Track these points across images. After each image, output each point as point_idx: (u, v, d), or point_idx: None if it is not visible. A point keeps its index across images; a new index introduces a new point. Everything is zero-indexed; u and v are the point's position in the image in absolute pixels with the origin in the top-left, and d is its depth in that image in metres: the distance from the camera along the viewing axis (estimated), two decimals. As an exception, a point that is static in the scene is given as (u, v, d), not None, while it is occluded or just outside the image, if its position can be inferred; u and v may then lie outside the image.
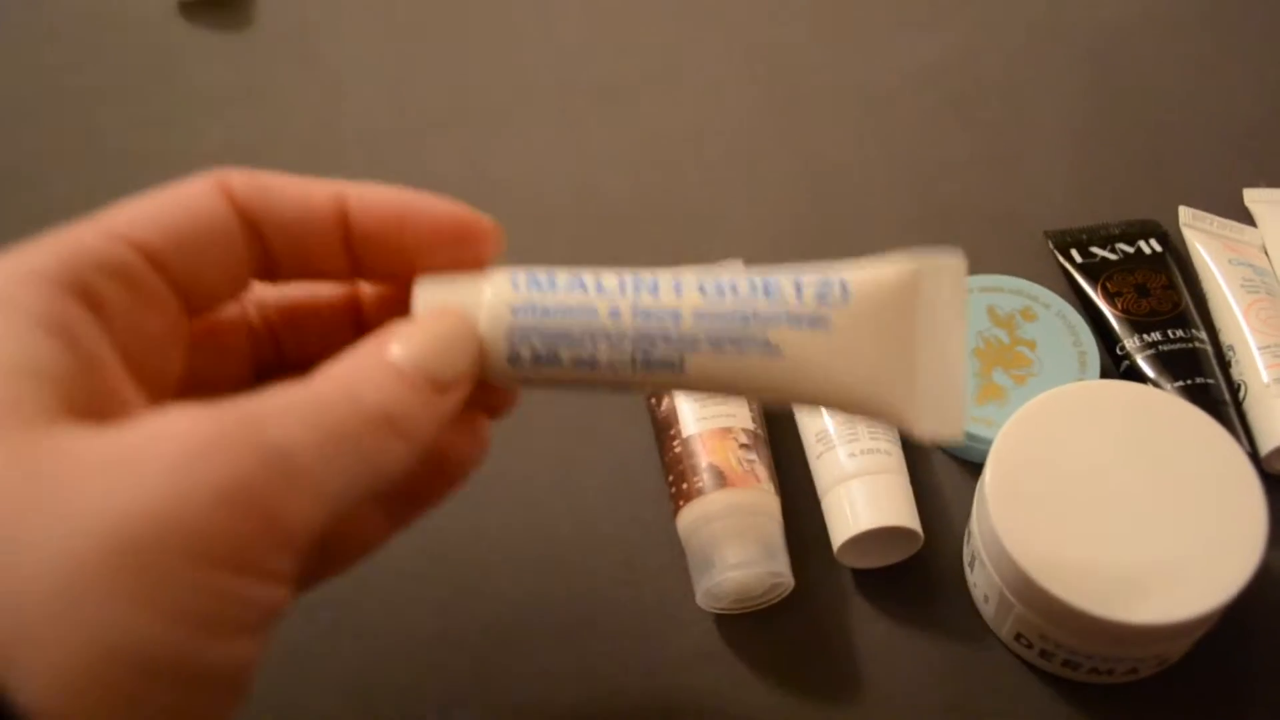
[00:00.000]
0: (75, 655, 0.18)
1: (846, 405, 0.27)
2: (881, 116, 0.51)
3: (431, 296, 0.26)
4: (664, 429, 0.39)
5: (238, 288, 0.26)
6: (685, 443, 0.37)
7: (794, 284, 0.27)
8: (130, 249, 0.23)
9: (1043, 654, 0.35)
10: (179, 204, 0.24)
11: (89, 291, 0.22)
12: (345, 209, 0.26)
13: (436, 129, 0.52)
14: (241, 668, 0.20)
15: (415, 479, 0.27)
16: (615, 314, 0.26)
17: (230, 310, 0.27)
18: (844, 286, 0.27)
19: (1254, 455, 0.39)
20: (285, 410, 0.21)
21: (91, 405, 0.21)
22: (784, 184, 0.49)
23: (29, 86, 0.54)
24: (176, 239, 0.24)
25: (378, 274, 0.27)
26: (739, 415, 0.38)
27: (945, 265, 0.27)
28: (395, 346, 0.24)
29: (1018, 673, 0.36)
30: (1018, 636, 0.35)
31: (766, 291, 0.26)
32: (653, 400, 0.40)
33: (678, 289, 0.27)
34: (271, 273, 0.26)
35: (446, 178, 0.50)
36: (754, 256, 0.45)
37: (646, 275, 0.27)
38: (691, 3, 0.56)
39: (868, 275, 0.27)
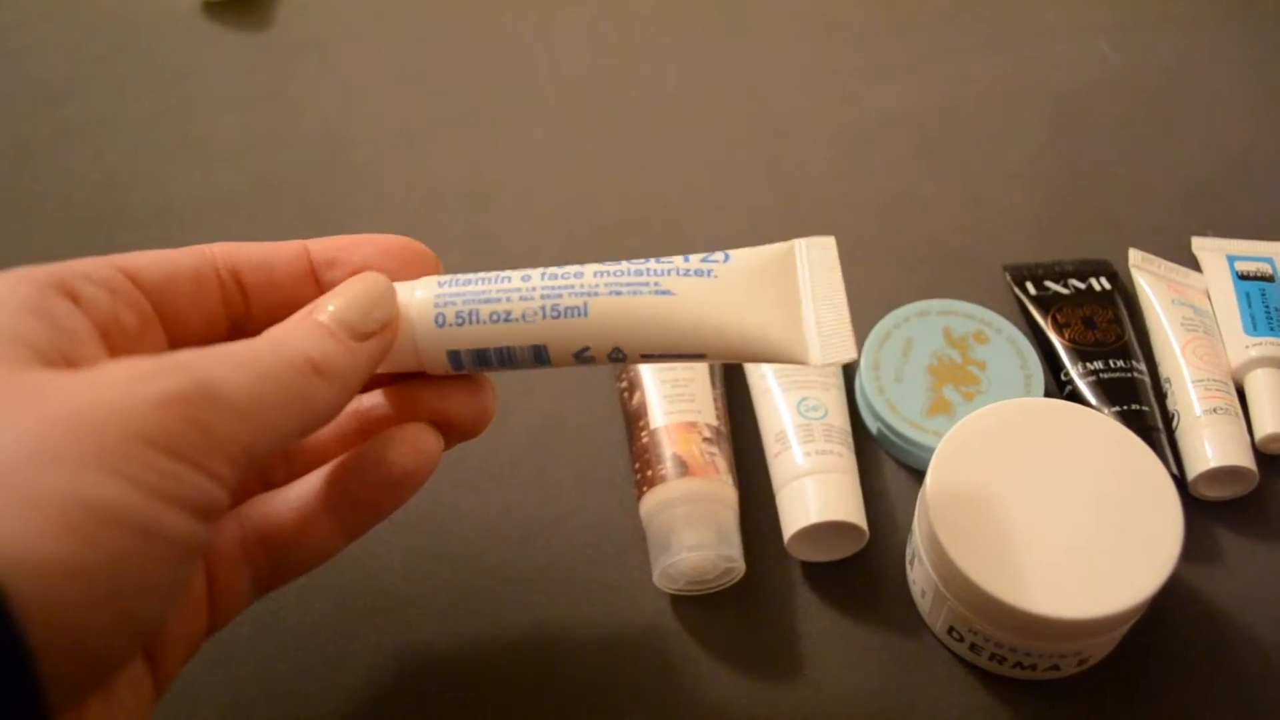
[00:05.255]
0: (48, 503, 0.22)
1: (738, 341, 0.31)
2: (858, 155, 0.54)
3: None
4: (634, 420, 0.41)
5: (213, 320, 0.31)
6: (653, 433, 0.40)
7: (683, 257, 0.32)
8: (112, 267, 0.29)
9: (972, 647, 0.37)
10: (166, 252, 0.30)
11: (70, 289, 0.27)
12: (306, 248, 0.32)
13: (440, 134, 0.55)
14: (186, 537, 0.24)
15: (363, 487, 0.31)
16: (526, 278, 0.31)
17: None
18: (726, 255, 0.32)
19: (1181, 479, 0.42)
20: (221, 358, 0.26)
21: (65, 363, 0.26)
22: (762, 208, 0.52)
23: (60, 75, 0.57)
24: (155, 268, 0.30)
25: None
26: (704, 411, 0.41)
27: (818, 240, 0.32)
28: (320, 306, 0.29)
29: (948, 665, 0.38)
30: (950, 630, 0.38)
31: (658, 260, 0.31)
32: (624, 395, 0.43)
33: (579, 270, 0.31)
34: (248, 318, 0.32)
35: (447, 179, 0.53)
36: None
37: (554, 268, 0.31)
38: (688, 40, 0.60)
39: (748, 249, 0.32)
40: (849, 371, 0.45)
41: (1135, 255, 0.49)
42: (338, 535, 0.31)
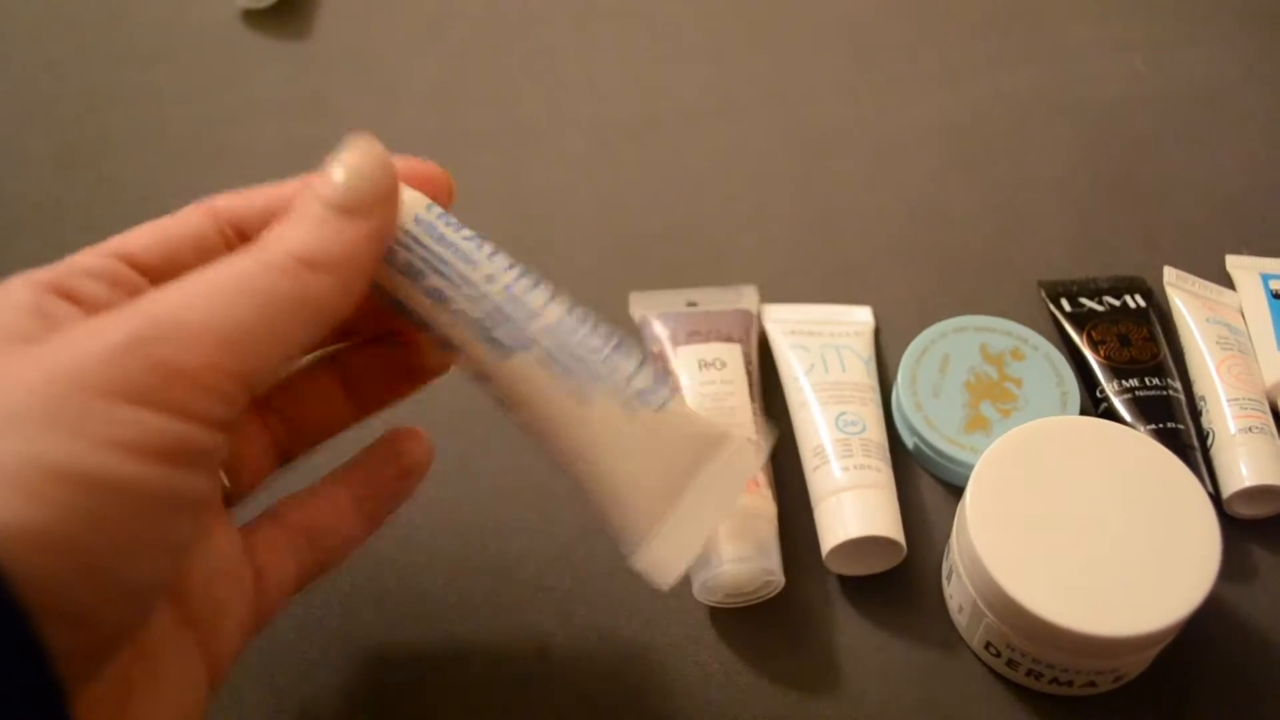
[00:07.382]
0: (18, 474, 0.21)
1: (607, 488, 0.30)
2: (894, 167, 0.55)
3: None
4: (674, 434, 0.42)
5: None
6: (693, 447, 0.40)
7: (636, 364, 0.29)
8: (113, 258, 0.28)
9: (1009, 663, 0.38)
10: (165, 223, 0.29)
11: (68, 289, 0.26)
12: None
13: (477, 144, 0.55)
14: (161, 487, 0.23)
15: (384, 478, 0.34)
16: (490, 280, 0.29)
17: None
18: (665, 402, 0.29)
19: (1216, 497, 0.42)
20: (189, 287, 0.25)
21: None
22: (798, 221, 0.53)
23: (101, 83, 0.58)
24: (154, 247, 0.29)
25: None
26: (745, 426, 0.41)
27: (746, 447, 0.30)
28: (306, 190, 0.27)
29: (985, 680, 0.39)
30: (987, 645, 0.38)
31: (613, 351, 0.29)
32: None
33: (550, 299, 0.29)
34: None
35: (485, 189, 0.53)
36: (764, 284, 0.48)
37: (534, 275, 0.29)
38: (723, 54, 0.60)
39: (688, 411, 0.30)
40: (886, 387, 0.45)
41: (1170, 273, 0.49)
42: (363, 524, 0.34)
